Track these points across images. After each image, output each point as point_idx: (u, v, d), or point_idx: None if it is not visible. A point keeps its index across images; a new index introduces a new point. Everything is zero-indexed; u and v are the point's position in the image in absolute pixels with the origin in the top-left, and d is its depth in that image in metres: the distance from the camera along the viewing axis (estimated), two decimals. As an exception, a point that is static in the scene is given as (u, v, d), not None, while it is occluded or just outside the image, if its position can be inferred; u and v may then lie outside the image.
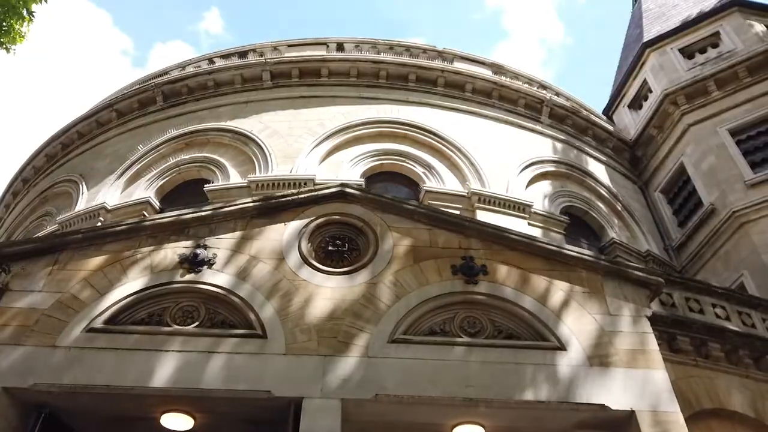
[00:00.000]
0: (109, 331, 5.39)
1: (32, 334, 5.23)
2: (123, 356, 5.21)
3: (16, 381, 4.96)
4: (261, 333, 5.49)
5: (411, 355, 5.45)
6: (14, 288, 5.52)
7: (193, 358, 5.26)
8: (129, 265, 5.83)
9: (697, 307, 6.61)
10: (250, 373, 5.22)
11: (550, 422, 5.34)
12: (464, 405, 5.20)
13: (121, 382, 5.07)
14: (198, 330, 5.51)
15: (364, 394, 5.18)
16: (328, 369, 5.29)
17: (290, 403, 5.13)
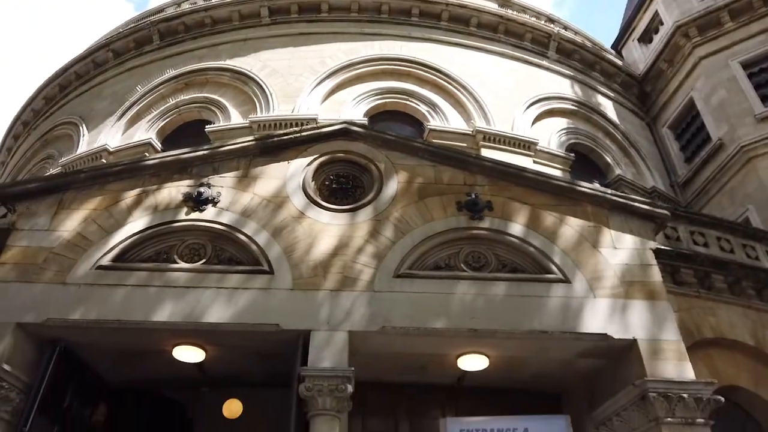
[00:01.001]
0: (117, 268, 5.44)
1: (42, 272, 5.30)
2: (132, 292, 5.29)
3: (29, 317, 5.06)
4: (268, 269, 5.54)
5: (416, 289, 5.51)
6: (21, 227, 5.55)
7: (202, 294, 5.33)
8: (133, 204, 5.83)
9: (701, 241, 6.62)
10: (258, 308, 5.31)
11: (553, 352, 5.46)
12: (468, 336, 5.31)
13: (132, 317, 5.17)
14: (205, 267, 5.57)
15: (370, 326, 5.28)
16: (334, 303, 5.37)
17: (299, 335, 5.24)
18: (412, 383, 6.00)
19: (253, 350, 5.61)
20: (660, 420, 4.72)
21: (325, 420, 4.86)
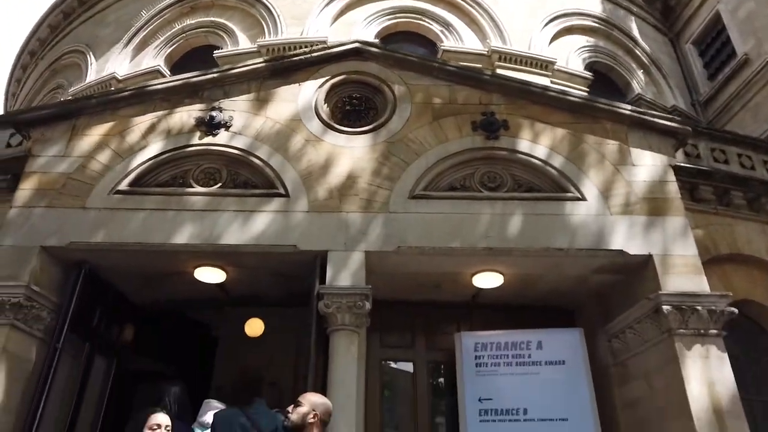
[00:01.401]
0: (135, 193, 5.50)
1: (61, 197, 5.37)
2: (151, 216, 5.37)
3: (53, 240, 5.19)
4: (284, 192, 5.57)
5: (431, 209, 5.52)
6: (37, 153, 5.59)
7: (219, 217, 5.40)
8: (146, 129, 5.81)
9: (722, 157, 6.49)
10: (276, 230, 5.38)
11: (568, 269, 5.51)
12: (483, 255, 5.36)
13: (152, 239, 5.27)
14: (221, 191, 5.60)
15: (386, 246, 5.34)
16: (350, 225, 5.42)
17: (316, 256, 5.33)
18: (427, 301, 6.14)
19: (272, 271, 5.73)
20: (672, 331, 4.81)
21: (345, 334, 5.02)
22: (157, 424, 3.64)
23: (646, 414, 5.03)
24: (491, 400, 5.37)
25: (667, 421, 4.74)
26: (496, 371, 5.52)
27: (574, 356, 5.52)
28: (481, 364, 5.57)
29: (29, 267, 5.00)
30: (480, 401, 5.38)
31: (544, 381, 5.42)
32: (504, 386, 5.42)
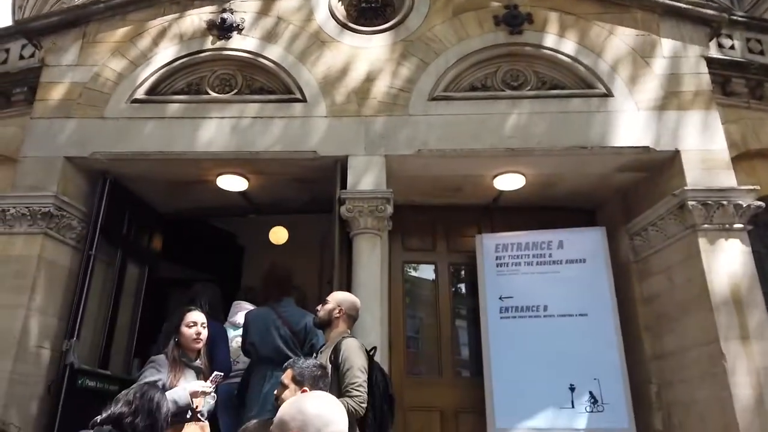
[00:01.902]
0: (152, 101, 5.44)
1: (79, 107, 5.34)
2: (170, 124, 5.34)
3: (75, 151, 5.22)
4: (301, 97, 5.46)
5: (452, 111, 5.40)
6: (50, 63, 5.50)
7: (238, 124, 5.35)
8: (157, 34, 5.64)
9: (757, 48, 6.15)
10: (295, 136, 5.33)
11: (592, 167, 5.43)
12: (506, 155, 5.29)
13: (172, 148, 5.26)
14: (237, 97, 5.52)
15: (406, 150, 5.28)
16: (370, 129, 5.34)
17: (336, 161, 5.31)
18: (448, 205, 6.16)
19: (293, 177, 5.75)
20: (697, 227, 4.79)
21: (367, 238, 5.09)
22: (193, 322, 3.72)
23: (664, 308, 5.13)
24: (512, 298, 5.51)
25: (686, 314, 4.84)
26: (517, 271, 5.62)
27: (595, 254, 5.57)
28: (502, 265, 5.66)
29: (55, 177, 5.07)
30: (501, 299, 5.52)
31: (565, 279, 5.51)
32: (524, 285, 5.53)
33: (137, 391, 2.85)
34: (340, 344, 3.40)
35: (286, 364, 3.06)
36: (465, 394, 5.48)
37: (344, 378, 3.23)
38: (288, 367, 2.99)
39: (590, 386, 5.05)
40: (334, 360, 3.32)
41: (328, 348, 3.49)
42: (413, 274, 6.34)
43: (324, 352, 3.50)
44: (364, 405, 3.18)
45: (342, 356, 3.30)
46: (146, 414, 2.74)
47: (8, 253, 4.81)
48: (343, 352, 3.33)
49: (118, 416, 2.70)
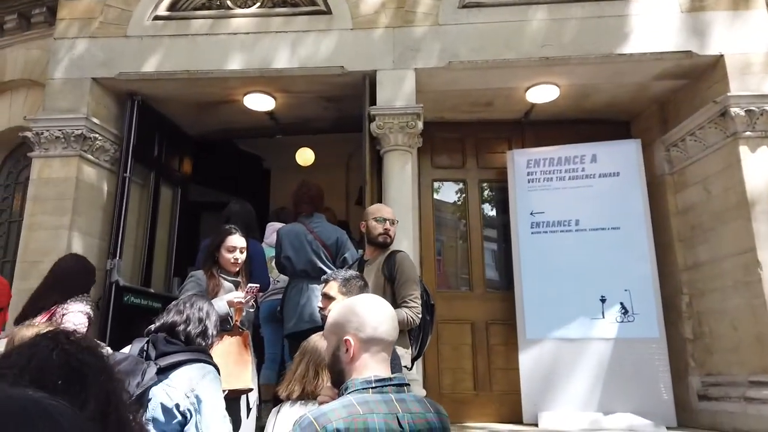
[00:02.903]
0: (174, 18, 5.29)
1: (102, 26, 5.23)
2: (195, 42, 5.22)
3: (101, 72, 5.16)
4: (326, 9, 5.26)
5: (484, 19, 5.16)
6: (68, -20, 5.34)
7: (263, 40, 5.20)
8: (174, -55, 5.40)
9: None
10: (322, 51, 5.18)
11: (629, 76, 5.22)
12: (540, 65, 5.09)
13: (198, 66, 5.17)
14: (262, 11, 5.33)
15: (436, 62, 5.12)
16: (398, 41, 5.16)
17: (364, 77, 5.18)
18: (478, 120, 6.03)
19: (319, 95, 5.65)
20: (738, 134, 4.63)
21: (399, 155, 5.05)
22: (233, 246, 3.80)
23: (699, 219, 5.07)
24: (543, 213, 5.49)
25: (722, 224, 4.78)
26: (549, 186, 5.56)
27: (629, 167, 5.47)
28: (533, 180, 5.60)
29: (85, 99, 5.05)
30: (532, 215, 5.51)
31: (598, 193, 5.44)
32: (556, 199, 5.49)
33: (186, 300, 2.95)
34: (394, 257, 3.45)
35: (326, 277, 3.12)
36: (495, 307, 5.60)
37: (401, 289, 3.31)
38: (330, 280, 3.04)
39: (621, 297, 5.11)
40: (387, 272, 3.39)
41: (376, 261, 3.55)
42: (442, 192, 6.31)
43: (372, 265, 3.56)
44: (419, 316, 3.28)
45: (397, 269, 3.37)
46: (197, 322, 2.85)
47: (47, 175, 4.89)
48: (398, 264, 3.39)
49: (171, 324, 2.82)
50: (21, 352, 1.48)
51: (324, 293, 3.03)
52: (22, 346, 1.53)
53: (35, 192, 4.88)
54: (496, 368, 5.42)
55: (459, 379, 5.39)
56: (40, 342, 1.50)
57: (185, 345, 2.75)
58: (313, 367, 2.46)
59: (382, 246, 3.70)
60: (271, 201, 7.71)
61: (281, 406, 2.45)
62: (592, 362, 5.00)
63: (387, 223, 3.70)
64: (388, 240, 3.70)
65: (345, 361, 1.70)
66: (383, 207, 3.92)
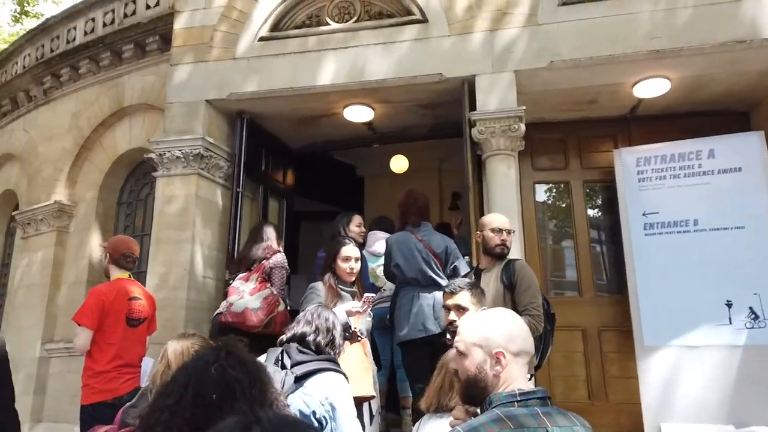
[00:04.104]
0: (276, 38, 5.52)
1: (212, 51, 5.54)
2: (296, 59, 5.41)
3: (213, 93, 5.47)
4: (421, 17, 5.29)
5: (585, 15, 4.99)
6: (181, 9, 5.69)
7: (361, 53, 5.31)
8: (274, -32, 5.64)
9: None
10: (418, 59, 5.21)
11: (748, 63, 4.84)
12: (649, 58, 4.85)
13: (301, 83, 5.35)
14: (357, 25, 5.44)
15: (537, 63, 5.01)
16: (496, 43, 5.10)
17: (463, 82, 5.16)
18: (580, 119, 5.83)
19: (417, 103, 5.69)
20: None
21: (501, 159, 4.98)
22: (347, 256, 3.94)
23: (839, 215, 4.63)
24: (657, 214, 5.21)
25: None
26: (662, 185, 5.27)
27: (752, 162, 5.08)
28: (644, 179, 5.33)
29: (200, 120, 5.37)
30: (644, 216, 5.24)
31: (717, 190, 5.10)
32: (671, 199, 5.19)
33: (314, 311, 3.07)
34: (512, 265, 3.43)
35: (452, 287, 3.10)
36: (607, 313, 5.38)
37: (522, 297, 3.28)
38: (458, 290, 3.03)
39: (750, 302, 4.75)
40: (506, 280, 3.37)
41: (494, 269, 3.53)
42: (544, 193, 6.16)
43: (489, 273, 3.54)
44: (542, 325, 3.23)
45: (517, 276, 3.35)
46: (325, 332, 2.95)
47: (170, 193, 5.24)
48: (518, 272, 3.37)
49: (302, 335, 2.93)
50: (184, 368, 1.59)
51: (454, 304, 3.03)
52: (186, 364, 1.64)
53: (160, 209, 5.25)
54: (611, 377, 5.21)
55: (572, 388, 5.22)
56: (201, 357, 1.60)
57: (316, 354, 2.85)
58: (449, 381, 2.47)
59: (500, 256, 3.67)
60: (365, 208, 7.85)
61: (422, 419, 2.49)
62: (718, 371, 4.68)
63: (504, 234, 3.68)
64: (506, 250, 3.69)
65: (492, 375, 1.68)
66: (499, 217, 3.89)
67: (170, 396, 1.43)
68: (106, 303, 3.71)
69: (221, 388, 1.41)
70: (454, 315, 2.98)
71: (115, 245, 4.00)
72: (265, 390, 1.50)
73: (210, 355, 1.53)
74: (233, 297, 4.43)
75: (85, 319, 3.65)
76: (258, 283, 4.50)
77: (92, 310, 3.66)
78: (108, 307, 3.71)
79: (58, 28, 7.54)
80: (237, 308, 4.35)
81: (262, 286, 4.48)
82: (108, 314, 3.70)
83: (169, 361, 2.67)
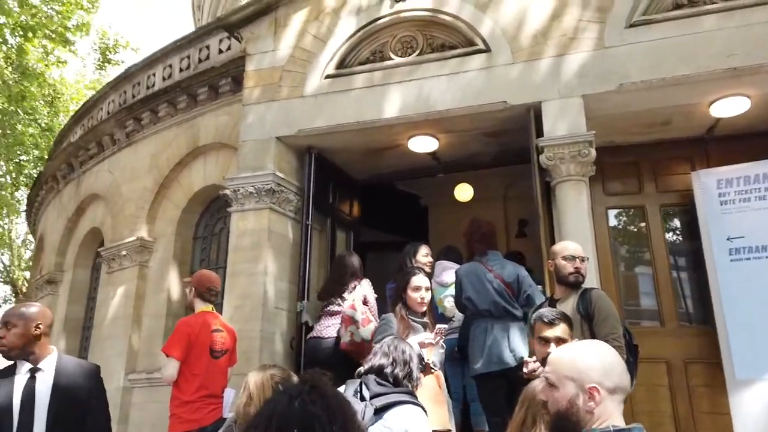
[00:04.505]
0: (342, 75, 5.69)
1: (281, 90, 5.78)
2: (361, 94, 5.55)
3: (283, 130, 5.68)
4: (484, 47, 5.32)
5: (655, 36, 4.87)
6: (251, 52, 5.99)
7: (424, 84, 5.38)
8: (338, 8, 5.83)
9: None
10: (482, 88, 5.23)
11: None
12: (725, 77, 4.66)
13: (365, 117, 5.47)
14: (420, 58, 5.53)
15: (605, 86, 4.91)
16: (562, 69, 5.05)
17: (528, 109, 5.12)
18: (653, 142, 5.64)
19: (482, 131, 5.68)
20: None
21: (572, 185, 4.87)
22: (417, 286, 3.96)
23: None
24: (742, 239, 4.92)
25: None
26: (746, 207, 4.99)
27: None
28: (726, 202, 5.07)
29: (271, 157, 5.58)
30: (729, 240, 4.96)
31: (810, 211, 4.78)
32: (757, 222, 4.89)
33: (390, 344, 3.07)
34: (589, 294, 3.33)
35: (549, 319, 2.97)
36: (692, 344, 5.09)
37: (601, 327, 3.17)
38: (558, 322, 2.94)
39: None
40: (583, 310, 3.27)
41: (569, 299, 3.44)
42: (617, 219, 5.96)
43: (564, 304, 3.45)
44: (624, 357, 3.10)
45: (594, 306, 3.25)
46: (402, 364, 2.95)
47: (243, 227, 5.44)
48: (596, 301, 3.27)
49: (379, 367, 2.94)
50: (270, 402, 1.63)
51: (556, 336, 2.92)
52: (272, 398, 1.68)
53: (235, 243, 5.45)
54: (700, 412, 4.89)
55: (657, 423, 4.93)
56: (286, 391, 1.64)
57: (394, 386, 2.84)
58: (531, 416, 2.40)
59: (574, 285, 3.57)
60: (430, 238, 7.83)
61: (506, 454, 2.42)
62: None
63: (577, 261, 3.59)
64: (580, 278, 3.59)
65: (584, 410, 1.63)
66: (570, 244, 3.81)
67: (257, 428, 1.48)
68: (192, 335, 3.86)
69: (302, 422, 1.45)
70: (554, 348, 2.84)
71: (200, 279, 4.18)
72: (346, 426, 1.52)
73: (294, 390, 1.58)
74: (352, 327, 4.57)
75: (173, 351, 3.81)
76: (365, 315, 4.63)
77: (180, 341, 3.82)
78: (194, 338, 3.86)
79: (139, 75, 8.09)
80: (357, 338, 4.54)
81: (367, 318, 4.60)
82: (194, 346, 3.84)
83: (250, 392, 2.74)
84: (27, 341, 2.77)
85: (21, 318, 2.78)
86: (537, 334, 3.00)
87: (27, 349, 2.77)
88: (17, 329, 2.76)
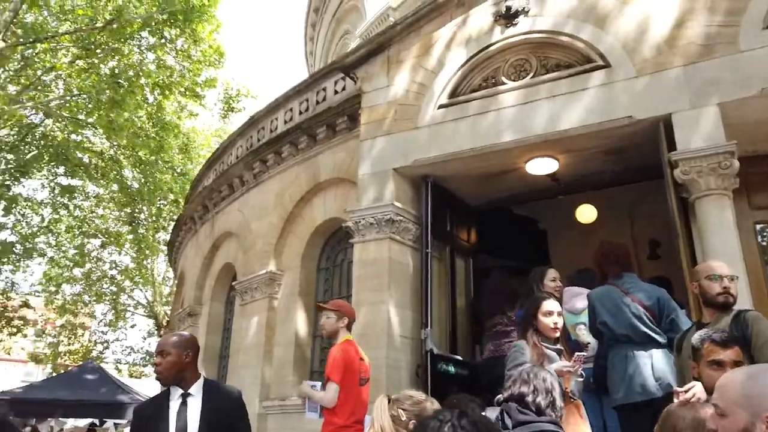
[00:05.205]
0: (454, 104, 5.75)
1: (396, 123, 5.95)
2: (474, 121, 5.57)
3: (399, 162, 5.83)
4: (603, 63, 5.14)
5: (799, 32, 4.46)
6: (367, 90, 6.26)
7: (540, 106, 5.29)
8: (449, 39, 5.95)
9: None
10: (603, 105, 5.04)
11: None
12: None
13: (481, 143, 5.47)
14: (535, 80, 5.45)
15: (744, 92, 4.54)
16: (692, 78, 4.74)
17: (656, 122, 4.86)
18: (805, 147, 5.10)
19: (603, 149, 5.46)
20: None
21: (713, 200, 4.51)
22: (549, 311, 3.80)
23: None
24: None
25: None
26: None
27: None
28: None
29: (389, 187, 5.74)
30: None
31: None
32: None
33: (530, 371, 2.97)
34: (744, 316, 3.06)
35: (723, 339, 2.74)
36: None
37: (762, 353, 2.88)
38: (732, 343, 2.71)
39: None
40: (738, 333, 3.00)
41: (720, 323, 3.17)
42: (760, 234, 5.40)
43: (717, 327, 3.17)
44: None
45: (752, 329, 2.98)
46: (544, 392, 2.84)
47: (365, 257, 5.61)
48: (753, 324, 3.00)
49: (520, 395, 2.85)
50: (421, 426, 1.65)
51: (732, 360, 2.68)
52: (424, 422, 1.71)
53: (358, 273, 5.62)
54: None
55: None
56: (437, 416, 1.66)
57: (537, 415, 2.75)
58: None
59: (724, 307, 3.28)
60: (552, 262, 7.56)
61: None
62: None
63: (725, 281, 3.30)
64: (730, 299, 3.29)
65: (759, 441, 1.48)
66: (714, 262, 3.53)
67: None
68: (348, 362, 3.99)
69: None
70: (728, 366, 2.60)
71: (349, 308, 4.35)
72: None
73: (445, 415, 1.60)
74: None
75: (335, 375, 3.93)
76: None
77: (340, 366, 3.94)
78: (350, 365, 3.98)
79: (263, 120, 8.72)
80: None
81: None
82: (349, 372, 3.96)
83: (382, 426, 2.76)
84: (180, 368, 2.99)
85: (174, 347, 3.01)
86: (707, 358, 2.75)
87: (179, 375, 2.99)
88: (171, 357, 2.98)
